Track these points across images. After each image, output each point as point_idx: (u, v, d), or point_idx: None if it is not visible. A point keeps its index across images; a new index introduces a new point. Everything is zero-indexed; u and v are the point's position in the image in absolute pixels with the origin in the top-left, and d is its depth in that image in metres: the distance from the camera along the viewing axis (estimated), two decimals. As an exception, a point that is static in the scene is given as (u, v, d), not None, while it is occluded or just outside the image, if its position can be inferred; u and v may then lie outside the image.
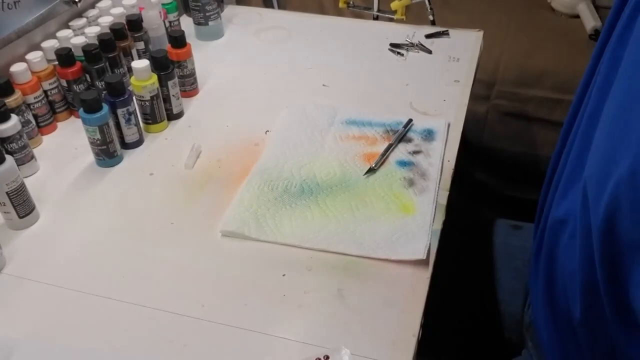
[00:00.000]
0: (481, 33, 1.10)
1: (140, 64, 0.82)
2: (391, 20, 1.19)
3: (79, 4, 0.96)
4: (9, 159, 0.67)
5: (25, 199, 0.70)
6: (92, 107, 0.76)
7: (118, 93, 0.79)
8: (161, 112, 0.87)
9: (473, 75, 0.99)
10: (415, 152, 0.81)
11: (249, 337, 0.59)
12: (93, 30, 0.92)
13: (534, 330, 0.72)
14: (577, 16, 1.50)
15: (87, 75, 0.88)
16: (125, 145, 0.84)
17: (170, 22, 1.08)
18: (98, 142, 0.78)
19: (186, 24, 1.12)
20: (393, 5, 1.15)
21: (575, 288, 0.60)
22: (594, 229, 0.52)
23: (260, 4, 1.52)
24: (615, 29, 0.58)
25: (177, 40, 0.91)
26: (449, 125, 0.86)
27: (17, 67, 0.82)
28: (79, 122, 0.81)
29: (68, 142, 0.86)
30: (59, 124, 0.90)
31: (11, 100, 0.79)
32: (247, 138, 0.86)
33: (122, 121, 0.81)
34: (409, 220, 0.70)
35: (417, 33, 1.11)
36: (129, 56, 0.95)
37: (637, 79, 0.50)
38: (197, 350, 0.58)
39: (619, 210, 0.48)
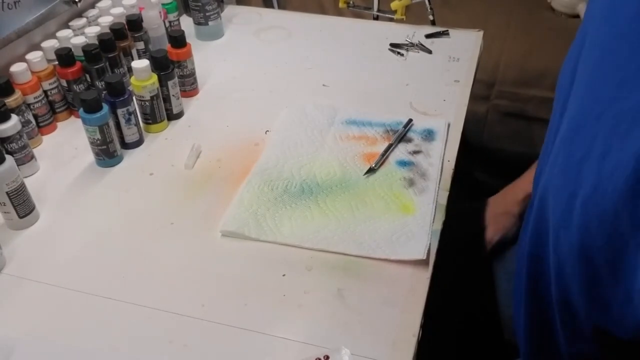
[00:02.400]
0: (481, 33, 1.10)
1: (140, 64, 0.82)
2: (391, 20, 1.19)
3: (79, 4, 0.96)
4: (9, 159, 0.67)
5: (25, 199, 0.70)
6: (92, 107, 0.76)
7: (118, 93, 0.79)
8: (161, 112, 0.87)
9: (473, 75, 0.99)
10: (415, 152, 0.81)
11: (249, 337, 0.59)
12: (93, 30, 0.92)
13: (514, 333, 0.71)
14: (577, 16, 1.50)
15: (87, 75, 0.88)
16: (125, 145, 0.84)
17: (170, 22, 1.08)
18: (98, 142, 0.78)
19: (186, 24, 1.12)
20: (393, 5, 1.15)
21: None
22: (568, 252, 0.51)
23: (260, 4, 1.52)
24: None
25: (177, 40, 0.91)
26: (449, 125, 0.86)
27: (17, 67, 0.82)
28: (79, 122, 0.81)
29: (68, 142, 0.86)
30: (59, 124, 0.90)
31: (11, 100, 0.79)
32: (247, 138, 0.86)
33: (122, 121, 0.81)
34: (409, 220, 0.70)
35: (417, 33, 1.11)
36: (129, 56, 0.95)
37: (591, 93, 0.50)
38: (197, 350, 0.58)
39: (589, 229, 0.48)
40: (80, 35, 0.92)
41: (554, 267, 0.54)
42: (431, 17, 1.20)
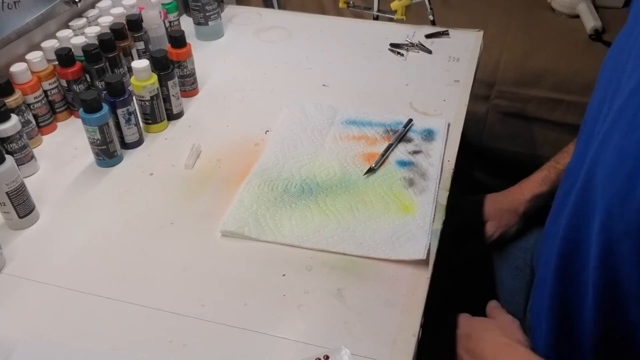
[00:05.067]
0: (481, 33, 1.10)
1: (140, 64, 0.82)
2: (391, 20, 1.19)
3: (79, 4, 0.96)
4: (9, 159, 0.67)
5: (25, 199, 0.70)
6: (92, 107, 0.76)
7: (118, 93, 0.79)
8: (161, 112, 0.87)
9: (473, 75, 0.99)
10: (415, 152, 0.81)
11: (249, 337, 0.59)
12: (93, 30, 0.92)
13: (531, 339, 0.71)
14: (577, 16, 1.50)
15: (87, 75, 0.88)
16: (125, 145, 0.84)
17: (170, 22, 1.08)
18: (98, 142, 0.78)
19: (186, 24, 1.12)
20: (393, 5, 1.15)
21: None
22: (624, 231, 0.50)
23: (260, 4, 1.52)
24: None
25: (177, 40, 0.91)
26: (449, 125, 0.86)
27: (17, 67, 0.82)
28: (79, 122, 0.81)
29: (68, 142, 0.86)
30: (59, 124, 0.90)
31: (11, 100, 0.79)
32: (247, 138, 0.86)
33: (122, 121, 0.81)
34: (409, 220, 0.70)
35: (417, 33, 1.11)
36: (129, 56, 0.95)
37: None
38: (197, 350, 0.58)
39: None
40: (80, 35, 0.92)
41: (600, 248, 0.53)
42: (431, 17, 1.20)
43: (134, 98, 0.83)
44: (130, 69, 0.91)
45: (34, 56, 0.84)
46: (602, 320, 0.57)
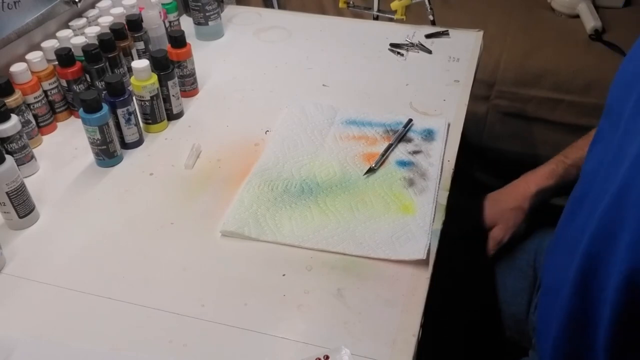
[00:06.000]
0: (481, 33, 1.10)
1: (140, 64, 0.82)
2: (391, 20, 1.19)
3: (79, 4, 0.96)
4: (9, 159, 0.67)
5: (25, 199, 0.70)
6: (92, 107, 0.76)
7: (118, 93, 0.79)
8: (161, 112, 0.87)
9: (473, 75, 0.99)
10: (415, 152, 0.81)
11: (249, 337, 0.59)
12: (93, 30, 0.92)
13: (537, 340, 0.70)
14: (577, 16, 1.50)
15: (87, 75, 0.88)
16: (125, 145, 0.84)
17: (170, 22, 1.08)
18: (98, 142, 0.78)
19: (186, 24, 1.12)
20: (393, 5, 1.15)
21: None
22: None
23: (260, 4, 1.52)
24: None
25: (177, 40, 0.91)
26: (449, 125, 0.86)
27: (17, 67, 0.82)
28: (79, 122, 0.81)
29: (68, 142, 0.86)
30: (59, 124, 0.90)
31: (11, 100, 0.79)
32: (247, 138, 0.86)
33: (122, 121, 0.81)
34: (409, 220, 0.70)
35: (417, 33, 1.11)
36: (129, 56, 0.95)
37: None
38: (197, 350, 0.58)
39: None
40: (80, 35, 0.92)
41: (625, 271, 0.52)
42: (431, 17, 1.20)
43: (134, 98, 0.83)
44: (130, 69, 0.91)
45: (34, 56, 0.84)
46: (617, 340, 0.56)
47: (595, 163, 0.67)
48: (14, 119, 0.76)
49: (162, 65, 0.85)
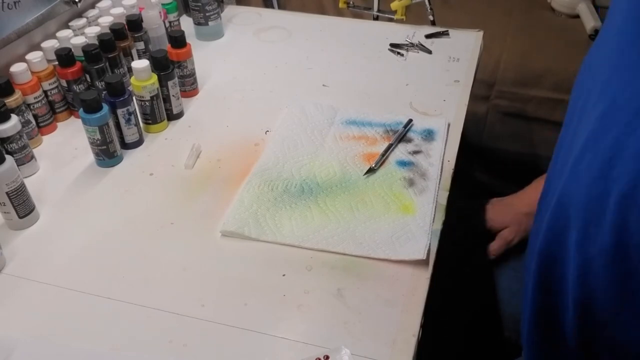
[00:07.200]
0: (481, 33, 1.10)
1: (140, 64, 0.82)
2: (391, 20, 1.19)
3: (79, 4, 0.96)
4: (9, 159, 0.67)
5: (25, 199, 0.70)
6: (92, 107, 0.76)
7: (118, 93, 0.79)
8: (161, 112, 0.87)
9: (473, 75, 0.99)
10: (415, 152, 0.81)
11: (249, 337, 0.59)
12: (93, 31, 0.92)
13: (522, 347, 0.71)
14: (577, 16, 1.50)
15: (87, 75, 0.88)
16: (125, 145, 0.84)
17: (170, 22, 1.08)
18: (98, 142, 0.78)
19: (186, 24, 1.12)
20: (393, 6, 1.15)
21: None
22: (598, 252, 0.50)
23: (260, 4, 1.52)
24: None
25: (177, 40, 0.91)
26: (449, 125, 0.86)
27: (17, 67, 0.82)
28: (79, 122, 0.81)
29: (68, 142, 0.86)
30: (59, 124, 0.90)
31: (11, 100, 0.79)
32: (247, 138, 0.86)
33: (122, 121, 0.81)
34: (409, 220, 0.70)
35: (417, 33, 1.11)
36: (129, 56, 0.95)
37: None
38: (197, 350, 0.58)
39: (626, 227, 0.46)
40: (80, 35, 0.92)
41: (577, 267, 0.53)
42: (431, 17, 1.20)
43: (134, 98, 0.83)
44: (130, 69, 0.91)
45: (34, 56, 0.84)
46: (583, 332, 0.57)
47: (557, 166, 0.69)
48: (14, 119, 0.76)
49: (162, 66, 0.86)
